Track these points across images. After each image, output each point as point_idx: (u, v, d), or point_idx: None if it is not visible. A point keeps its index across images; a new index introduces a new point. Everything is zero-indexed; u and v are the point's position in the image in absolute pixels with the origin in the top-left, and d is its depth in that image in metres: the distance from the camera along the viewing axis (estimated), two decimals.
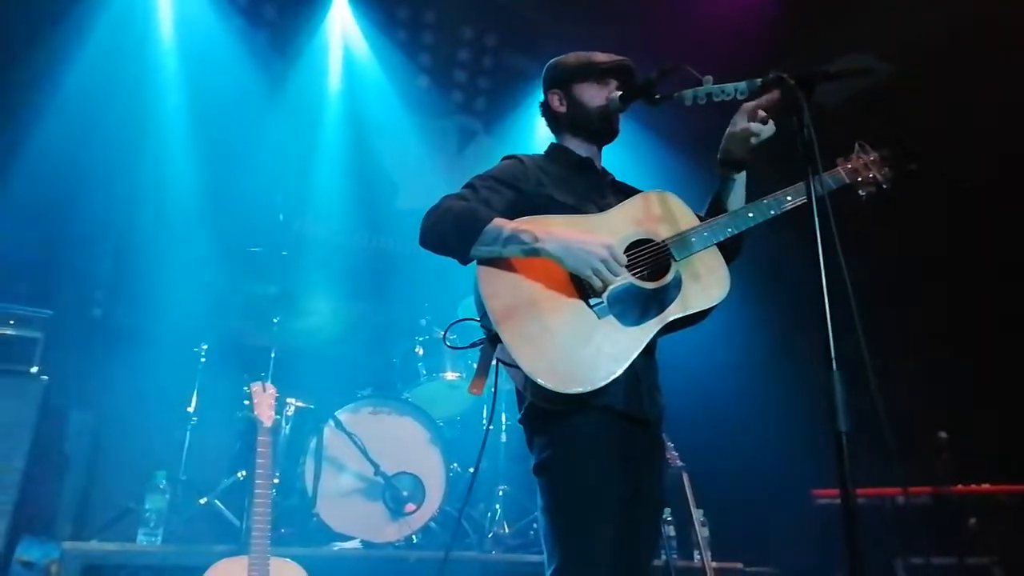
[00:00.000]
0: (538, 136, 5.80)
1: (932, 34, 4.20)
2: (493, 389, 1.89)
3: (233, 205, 4.35)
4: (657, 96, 2.03)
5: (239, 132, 4.54)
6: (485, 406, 3.91)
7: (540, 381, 1.66)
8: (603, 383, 1.68)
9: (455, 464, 3.75)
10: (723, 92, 1.94)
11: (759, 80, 1.89)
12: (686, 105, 2.06)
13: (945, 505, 3.32)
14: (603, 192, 2.05)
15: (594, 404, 1.73)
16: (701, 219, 1.98)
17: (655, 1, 5.37)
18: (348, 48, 5.31)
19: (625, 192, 2.09)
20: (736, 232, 1.93)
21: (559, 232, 1.76)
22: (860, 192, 2.06)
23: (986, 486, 3.30)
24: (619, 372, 1.70)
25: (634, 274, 1.81)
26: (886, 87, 4.52)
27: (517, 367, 1.69)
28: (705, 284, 1.86)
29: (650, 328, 1.79)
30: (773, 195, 1.99)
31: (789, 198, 1.96)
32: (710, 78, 1.97)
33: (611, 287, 1.76)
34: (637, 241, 1.87)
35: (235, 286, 3.88)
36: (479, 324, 1.80)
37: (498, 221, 1.77)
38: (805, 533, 3.90)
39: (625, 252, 1.82)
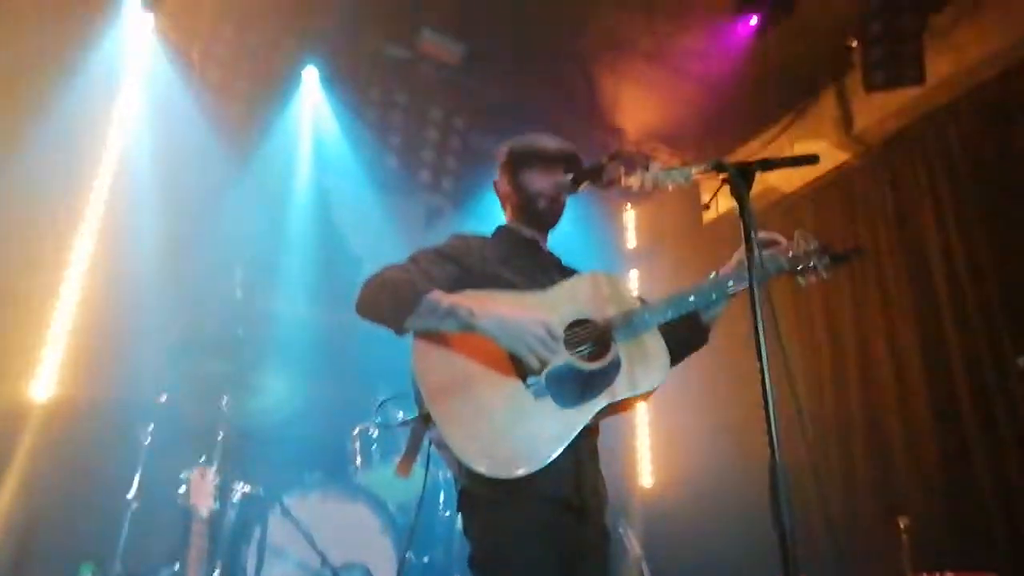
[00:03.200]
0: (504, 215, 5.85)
1: None
2: (425, 472, 1.84)
3: (189, 280, 4.29)
4: (606, 179, 2.08)
5: (201, 206, 4.53)
6: (442, 491, 3.79)
7: (470, 464, 1.61)
8: (537, 467, 1.63)
9: (409, 554, 3.60)
10: (669, 176, 1.98)
11: (702, 166, 1.93)
12: (634, 190, 2.12)
13: None
14: (548, 272, 2.06)
15: (528, 491, 1.67)
16: (642, 302, 1.98)
17: (619, 87, 5.59)
18: (318, 126, 5.39)
19: (570, 274, 2.09)
20: (676, 315, 1.93)
21: (496, 309, 1.74)
22: (800, 280, 2.10)
23: (949, 574, 3.23)
24: (554, 455, 1.65)
25: (573, 354, 1.78)
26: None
27: (448, 449, 1.63)
28: (648, 367, 1.84)
29: (589, 409, 1.74)
30: (715, 279, 2.00)
31: (731, 283, 1.97)
32: (658, 164, 2.01)
33: (549, 366, 1.73)
34: (578, 321, 1.85)
35: (185, 364, 3.77)
36: (415, 401, 1.76)
37: (436, 294, 1.75)
38: None
39: (565, 331, 1.80)
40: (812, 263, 2.07)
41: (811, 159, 2.08)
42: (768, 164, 1.95)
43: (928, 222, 4.22)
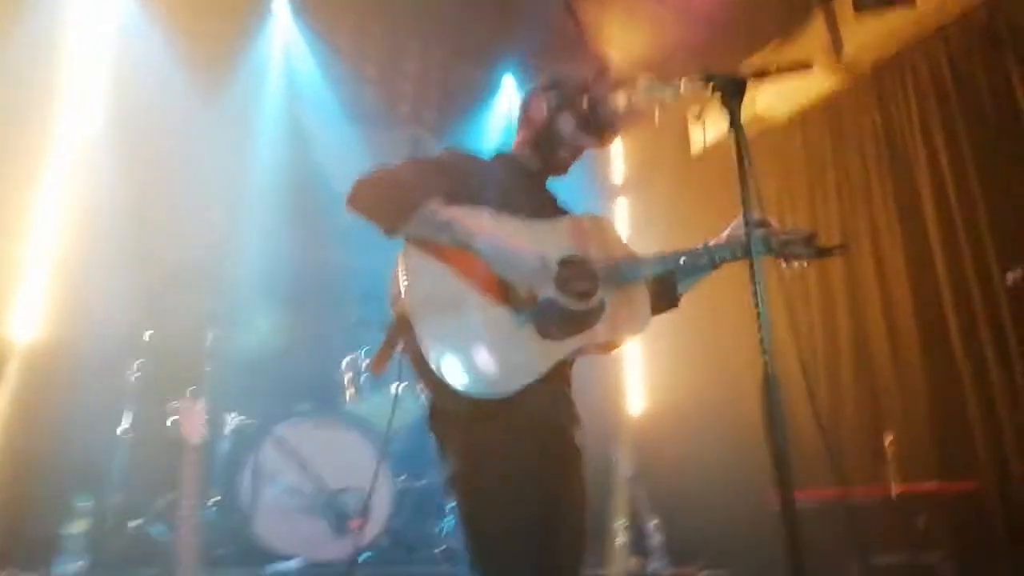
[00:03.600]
0: (489, 146, 5.77)
1: None
2: (396, 388, 1.84)
3: (169, 220, 4.21)
4: (591, 99, 2.03)
5: (174, 147, 4.41)
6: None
7: (445, 377, 1.60)
8: (507, 392, 1.63)
9: (402, 477, 3.65)
10: (656, 91, 1.93)
11: (691, 79, 1.88)
12: (621, 110, 2.06)
13: (894, 505, 3.35)
14: (544, 208, 2.00)
15: (506, 410, 1.66)
16: (632, 252, 1.97)
17: (603, 15, 5.45)
18: (291, 59, 5.23)
19: (566, 214, 2.05)
20: (663, 271, 1.93)
21: (495, 232, 1.71)
22: (783, 265, 2.04)
23: (933, 484, 3.34)
24: (526, 383, 1.66)
25: (561, 290, 1.77)
26: None
27: (424, 360, 1.62)
28: (631, 314, 1.86)
29: (566, 347, 1.75)
30: (707, 247, 1.98)
31: (720, 256, 1.96)
32: (644, 80, 1.95)
33: (537, 298, 1.71)
34: (569, 259, 1.83)
35: (170, 300, 3.74)
36: (391, 309, 1.73)
37: (436, 204, 1.71)
38: (763, 536, 3.91)
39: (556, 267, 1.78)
40: (798, 251, 2.02)
41: (804, 65, 2.04)
42: (760, 73, 1.90)
43: (917, 148, 4.20)
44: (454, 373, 1.61)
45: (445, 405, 1.71)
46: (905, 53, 4.41)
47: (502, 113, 5.83)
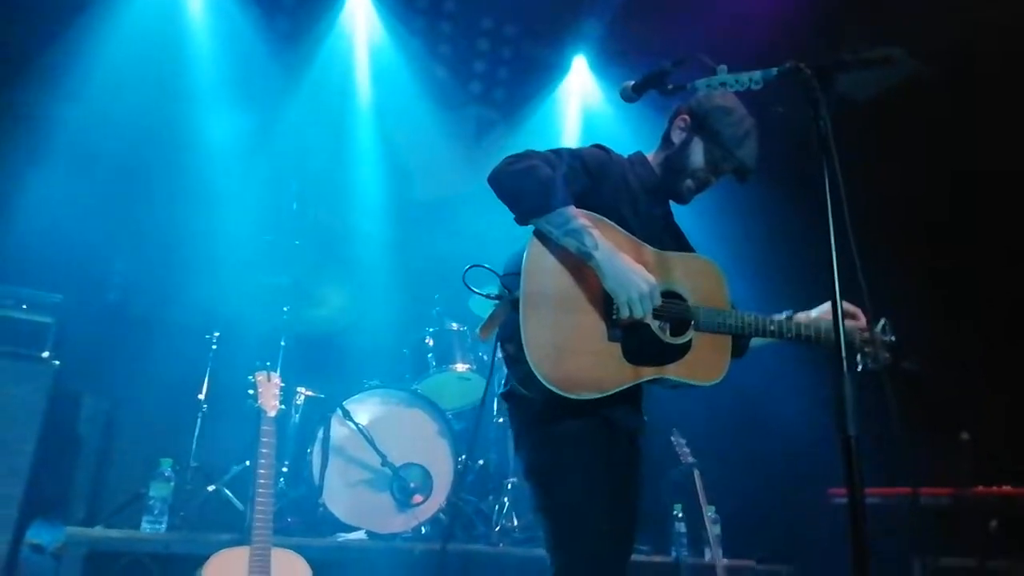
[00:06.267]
0: (557, 126, 5.74)
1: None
2: (488, 378, 1.96)
3: (247, 193, 4.35)
4: (670, 86, 1.99)
5: (254, 120, 4.53)
6: (496, 399, 3.89)
7: (531, 362, 1.68)
8: (575, 398, 1.72)
9: (464, 456, 3.72)
10: (737, 82, 1.88)
11: (775, 70, 1.83)
12: (699, 95, 2.03)
13: (966, 506, 3.25)
14: (659, 225, 2.06)
15: (582, 411, 1.75)
16: (731, 305, 2.01)
17: None
18: (365, 36, 5.28)
19: (675, 235, 2.12)
20: (753, 335, 2.00)
21: (616, 250, 1.78)
22: (857, 359, 1.99)
23: (1008, 488, 3.21)
24: (592, 398, 1.74)
25: (657, 321, 1.84)
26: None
27: (519, 344, 1.69)
28: (709, 363, 1.91)
29: (641, 373, 1.82)
30: (800, 324, 2.01)
31: (811, 336, 1.99)
32: (724, 67, 1.91)
33: (633, 320, 1.78)
34: (671, 292, 1.89)
35: (247, 274, 3.89)
36: (500, 280, 1.81)
37: (572, 210, 1.78)
38: (821, 532, 3.84)
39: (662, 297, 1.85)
40: (878, 357, 1.97)
41: (888, 58, 1.96)
42: (846, 65, 1.85)
43: None
44: (540, 364, 1.69)
45: (528, 392, 1.77)
46: None
47: (571, 94, 5.76)
